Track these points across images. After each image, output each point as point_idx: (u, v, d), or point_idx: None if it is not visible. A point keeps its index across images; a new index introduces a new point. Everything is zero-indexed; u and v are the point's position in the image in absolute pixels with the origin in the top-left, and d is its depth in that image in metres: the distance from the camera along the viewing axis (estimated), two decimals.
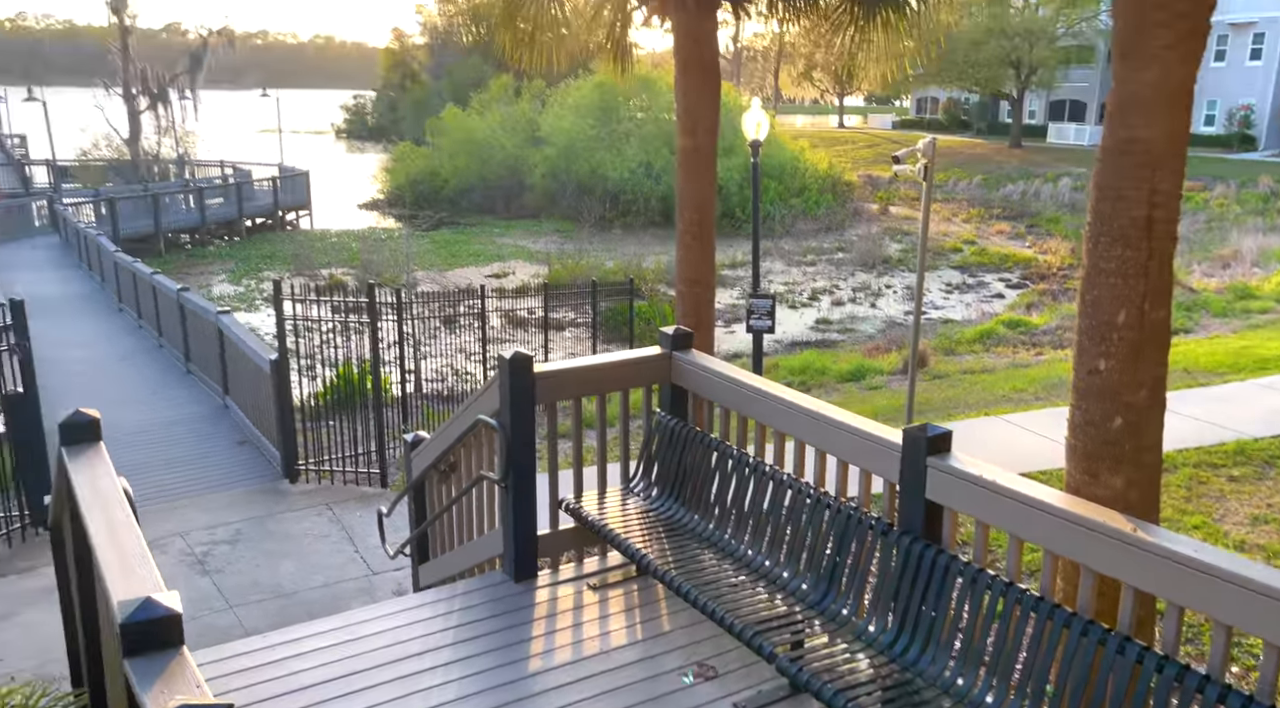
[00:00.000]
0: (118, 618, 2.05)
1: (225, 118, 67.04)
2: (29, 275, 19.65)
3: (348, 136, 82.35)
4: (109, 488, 3.33)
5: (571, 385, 4.57)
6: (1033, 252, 29.17)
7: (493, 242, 32.48)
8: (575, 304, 19.23)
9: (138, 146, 33.49)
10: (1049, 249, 29.12)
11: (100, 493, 3.28)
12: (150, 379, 12.08)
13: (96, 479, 3.39)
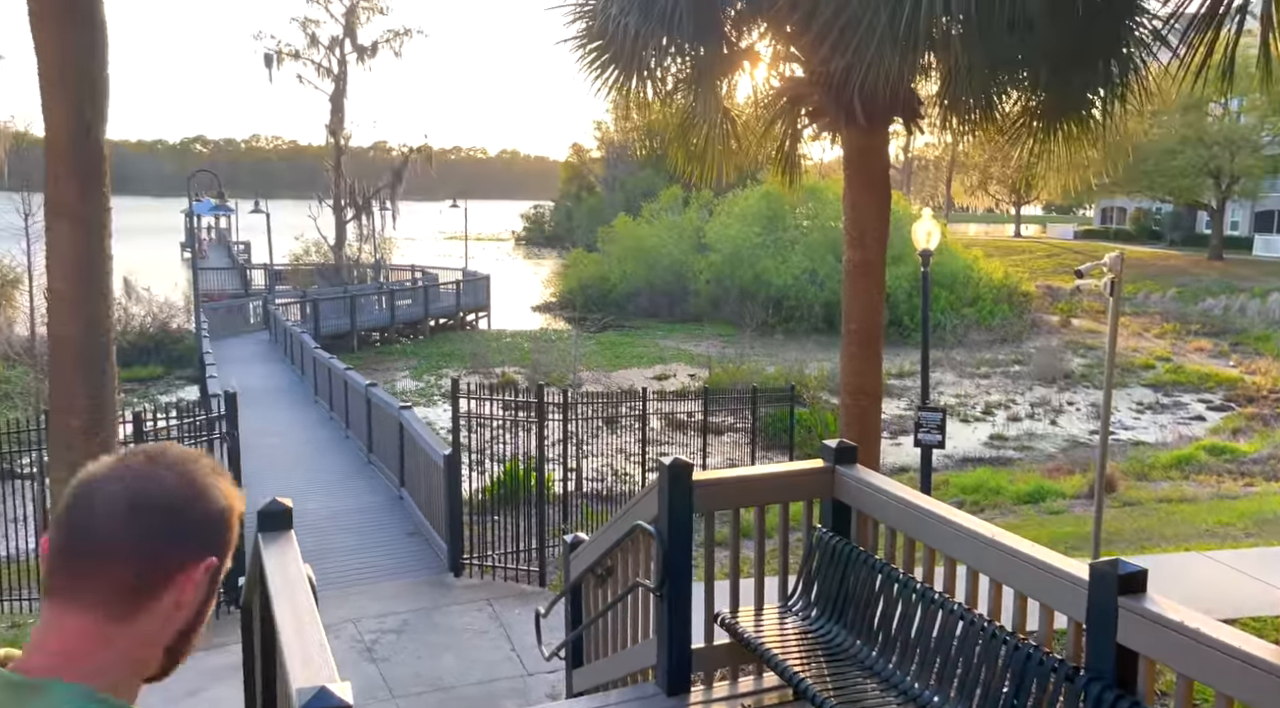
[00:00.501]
0: (295, 704, 2.16)
1: (418, 226, 72.63)
2: (241, 368, 21.66)
3: (526, 243, 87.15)
4: (296, 576, 3.55)
5: (731, 495, 4.54)
6: (1238, 371, 26.81)
7: (656, 344, 33.14)
8: (735, 409, 19.17)
9: (342, 252, 36.79)
10: (1258, 369, 26.69)
11: (289, 580, 3.50)
12: (336, 468, 12.90)
13: (286, 566, 3.63)
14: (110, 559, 1.04)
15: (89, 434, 4.42)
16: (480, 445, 11.12)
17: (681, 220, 43.55)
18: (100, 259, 4.39)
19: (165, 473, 1.09)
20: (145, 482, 1.07)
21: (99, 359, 4.43)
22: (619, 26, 5.41)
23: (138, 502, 1.06)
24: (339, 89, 35.14)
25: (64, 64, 4.36)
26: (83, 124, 4.37)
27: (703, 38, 5.87)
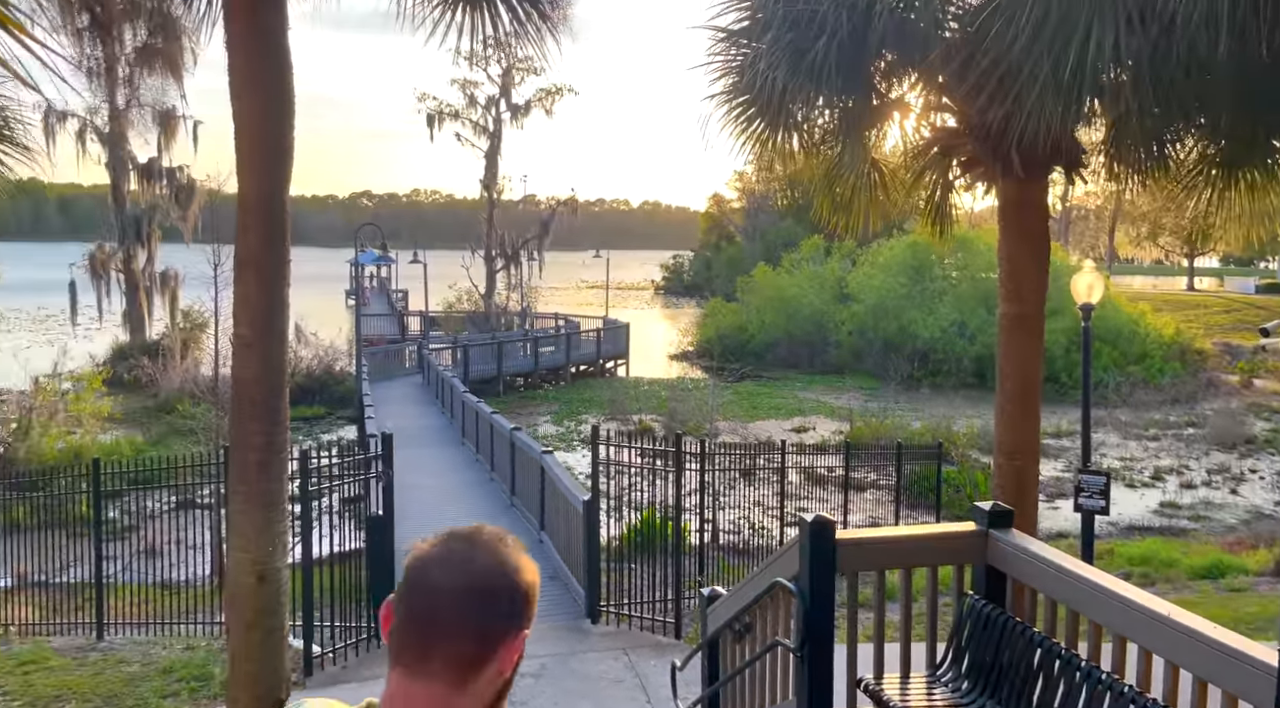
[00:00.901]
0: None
1: (561, 275, 74.91)
2: (395, 409, 22.75)
3: (665, 292, 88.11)
4: None
5: (875, 556, 4.39)
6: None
7: (795, 396, 32.66)
8: (878, 465, 18.58)
9: (491, 300, 38.34)
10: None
11: None
12: (481, 509, 13.28)
13: None
14: (452, 638, 1.21)
15: (263, 469, 4.73)
16: (617, 492, 11.21)
17: (823, 270, 43.07)
18: (280, 308, 4.74)
19: (487, 556, 1.25)
20: (473, 565, 1.24)
21: (275, 400, 4.76)
22: (766, 81, 5.48)
23: (473, 585, 1.22)
24: (493, 146, 36.96)
25: (257, 132, 4.79)
26: (270, 185, 4.78)
27: (851, 90, 5.86)
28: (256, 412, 4.70)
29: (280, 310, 4.76)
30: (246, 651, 4.84)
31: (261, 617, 4.82)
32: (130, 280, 32.19)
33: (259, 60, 4.73)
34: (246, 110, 4.76)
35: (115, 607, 10.24)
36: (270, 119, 4.75)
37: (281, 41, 4.83)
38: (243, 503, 4.77)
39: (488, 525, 1.30)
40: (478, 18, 5.34)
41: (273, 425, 4.76)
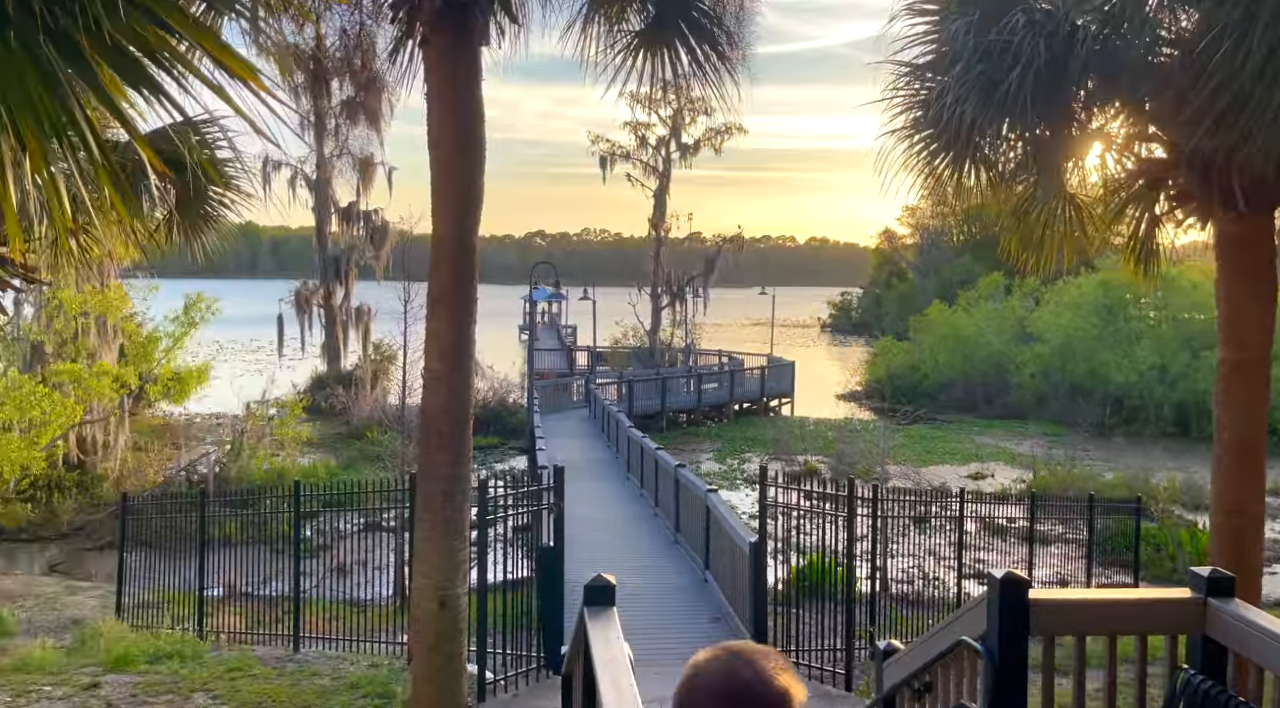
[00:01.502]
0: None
1: (726, 312, 75.02)
2: (563, 441, 23.34)
3: (832, 330, 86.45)
4: (618, 653, 3.67)
5: (1073, 619, 4.06)
6: None
7: (971, 440, 31.11)
8: (1065, 517, 17.32)
9: (656, 337, 38.86)
10: None
11: (612, 657, 3.63)
12: (644, 545, 13.33)
13: (609, 643, 3.77)
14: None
15: (447, 498, 4.95)
16: (783, 534, 10.97)
17: (1003, 309, 41.02)
18: (467, 344, 4.98)
19: (744, 668, 1.46)
20: (731, 677, 1.46)
21: (460, 433, 4.98)
22: (954, 114, 5.28)
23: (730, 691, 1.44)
24: (662, 185, 37.67)
25: (451, 178, 5.09)
26: (461, 227, 5.06)
27: (1047, 121, 5.56)
28: (443, 442, 4.92)
29: (467, 346, 4.99)
30: (428, 674, 5.04)
31: (442, 641, 5.01)
32: (329, 315, 34.86)
33: (454, 113, 5.04)
34: (442, 158, 5.07)
35: (309, 621, 10.95)
36: (463, 167, 5.03)
37: (475, 94, 5.13)
38: (428, 530, 5.00)
39: (754, 644, 1.46)
40: (658, 62, 5.46)
41: (457, 456, 4.98)
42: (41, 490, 19.42)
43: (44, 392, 19.02)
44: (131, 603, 12.35)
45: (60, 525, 18.92)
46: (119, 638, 9.78)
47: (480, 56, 5.21)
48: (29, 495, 19.15)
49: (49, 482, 19.55)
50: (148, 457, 21.39)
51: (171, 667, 9.11)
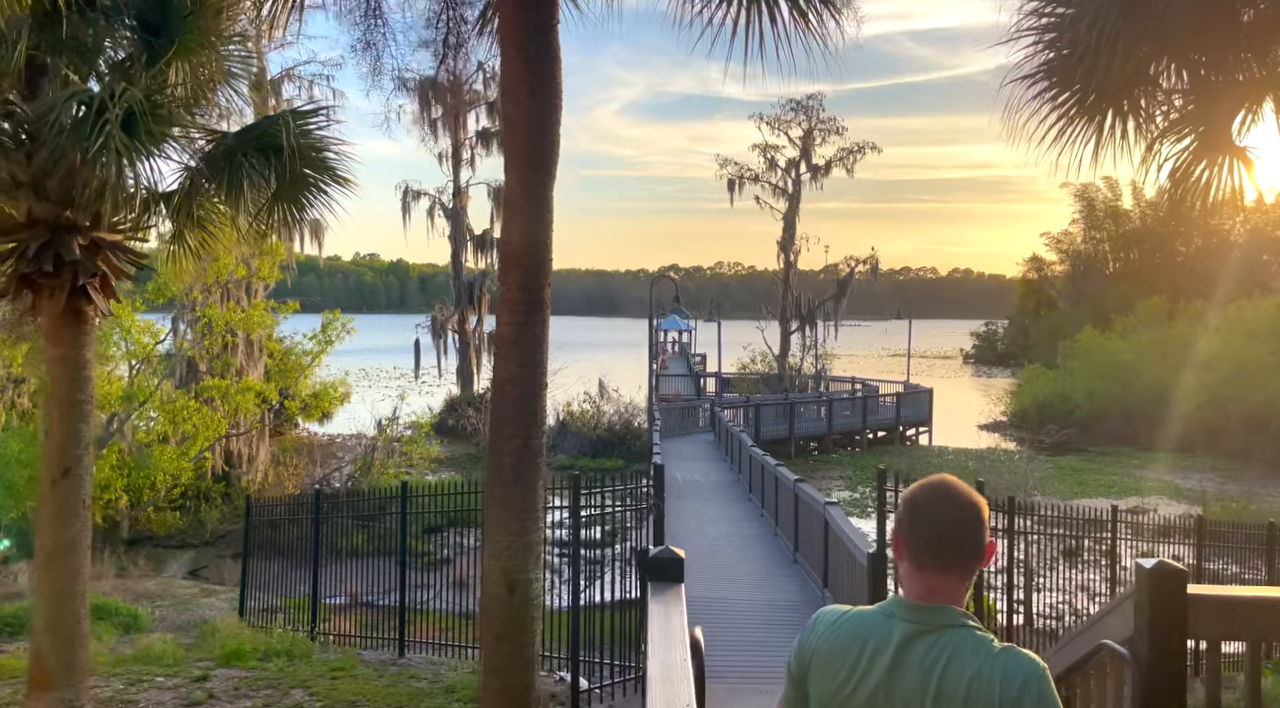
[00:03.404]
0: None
1: (862, 342, 72.97)
2: (687, 463, 22.91)
3: (975, 361, 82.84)
4: (679, 631, 3.20)
5: (1246, 621, 3.31)
6: None
7: (1130, 473, 28.69)
8: (1240, 556, 15.50)
9: (785, 362, 37.97)
10: None
11: (669, 635, 3.17)
12: (763, 563, 12.71)
13: (670, 620, 3.31)
14: (968, 547, 1.94)
15: (517, 475, 4.62)
16: None
17: (1164, 335, 37.96)
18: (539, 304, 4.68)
19: (966, 492, 1.98)
20: (965, 498, 1.96)
21: (532, 402, 4.67)
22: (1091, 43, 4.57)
23: (975, 510, 1.95)
24: (791, 207, 37.00)
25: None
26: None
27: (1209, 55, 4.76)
28: (514, 412, 4.61)
29: (540, 307, 4.68)
30: (495, 663, 4.69)
31: (511, 629, 4.65)
32: (463, 340, 35.84)
33: (522, 50, 4.78)
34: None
35: (420, 628, 10.88)
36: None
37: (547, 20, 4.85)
38: (496, 509, 4.68)
39: (949, 476, 2.01)
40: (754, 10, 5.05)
41: (529, 428, 4.65)
42: (190, 500, 20.49)
43: (195, 406, 20.13)
44: (257, 606, 12.67)
45: (205, 534, 19.87)
46: (234, 635, 9.96)
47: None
48: (179, 504, 20.24)
49: (197, 492, 20.61)
50: (287, 471, 22.28)
51: (279, 664, 9.16)
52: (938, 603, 1.91)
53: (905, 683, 1.85)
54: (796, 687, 2.00)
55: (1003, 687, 1.82)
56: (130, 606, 12.31)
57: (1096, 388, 36.44)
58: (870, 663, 1.89)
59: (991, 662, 1.85)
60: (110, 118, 5.37)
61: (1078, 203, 66.91)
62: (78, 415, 6.67)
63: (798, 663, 2.00)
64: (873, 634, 1.92)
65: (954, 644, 1.87)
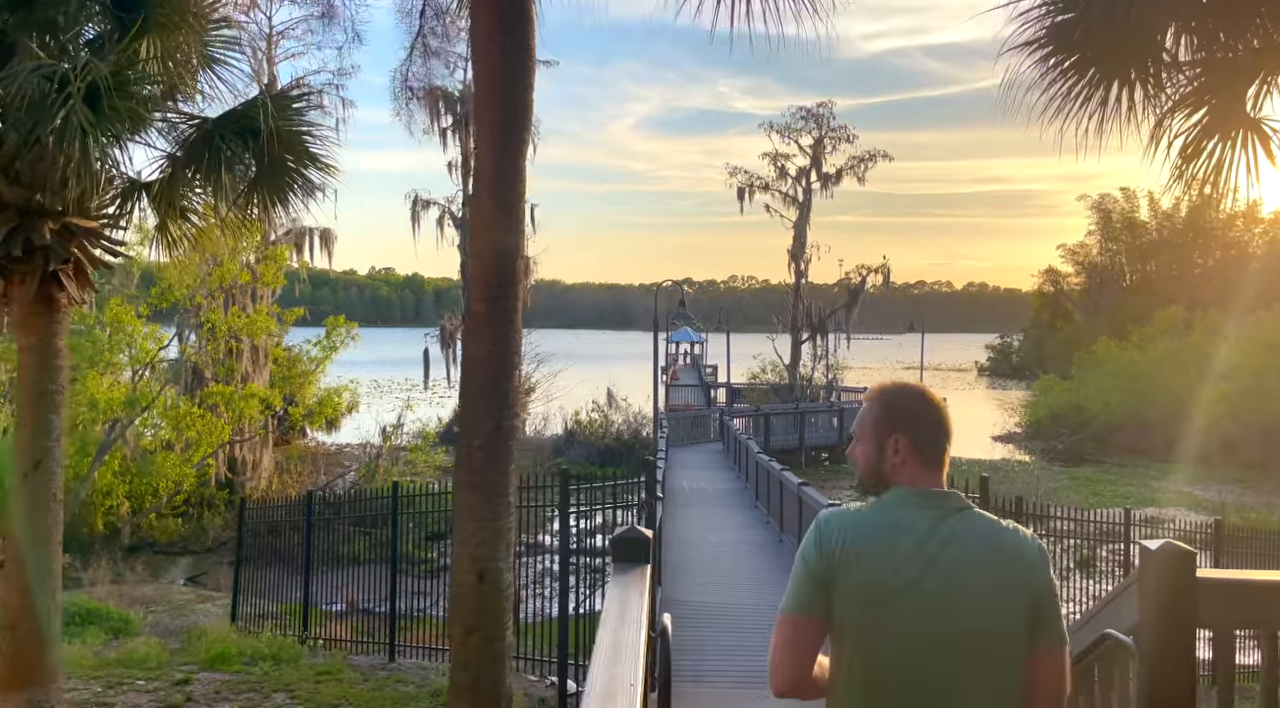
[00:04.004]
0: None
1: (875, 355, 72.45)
2: (694, 472, 22.62)
3: (989, 374, 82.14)
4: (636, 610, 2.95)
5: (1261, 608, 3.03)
6: None
7: (1147, 484, 28.17)
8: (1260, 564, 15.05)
9: (796, 372, 37.60)
10: None
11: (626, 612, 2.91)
12: (765, 568, 12.40)
13: (628, 599, 3.05)
14: (949, 440, 2.17)
15: (488, 457, 4.38)
16: None
17: (1182, 346, 37.39)
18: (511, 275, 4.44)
19: (936, 393, 2.26)
20: (939, 397, 2.23)
21: (503, 382, 4.43)
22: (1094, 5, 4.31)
23: (947, 416, 2.19)
24: (802, 216, 36.70)
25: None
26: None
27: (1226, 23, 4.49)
28: (485, 392, 4.37)
29: (512, 279, 4.44)
30: (464, 657, 4.44)
31: (481, 620, 4.41)
32: None
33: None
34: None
35: (414, 634, 10.64)
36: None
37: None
38: (465, 494, 4.44)
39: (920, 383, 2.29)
40: None
41: (500, 409, 4.41)
42: (194, 507, 20.34)
43: (198, 412, 20.02)
44: (253, 612, 12.47)
45: (207, 541, 19.70)
46: (220, 639, 9.74)
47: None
48: (182, 511, 20.10)
49: (200, 499, 20.47)
50: (291, 477, 22.13)
51: (264, 668, 8.94)
52: (941, 490, 2.11)
53: (950, 555, 2.01)
54: (818, 585, 2.03)
55: (1027, 550, 2.06)
56: (122, 610, 12.13)
57: (1113, 399, 35.92)
58: (913, 545, 2.01)
59: (1010, 535, 2.08)
60: (73, 92, 5.19)
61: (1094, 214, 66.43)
62: (49, 406, 6.48)
63: (820, 561, 2.03)
64: (899, 522, 2.05)
65: (975, 520, 2.07)
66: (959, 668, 2.00)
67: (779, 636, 2.10)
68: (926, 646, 1.99)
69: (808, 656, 2.08)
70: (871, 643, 2.01)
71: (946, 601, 1.99)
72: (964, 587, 2.00)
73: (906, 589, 1.98)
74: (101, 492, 18.66)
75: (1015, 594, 2.02)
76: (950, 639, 1.99)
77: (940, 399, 2.21)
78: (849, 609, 2.01)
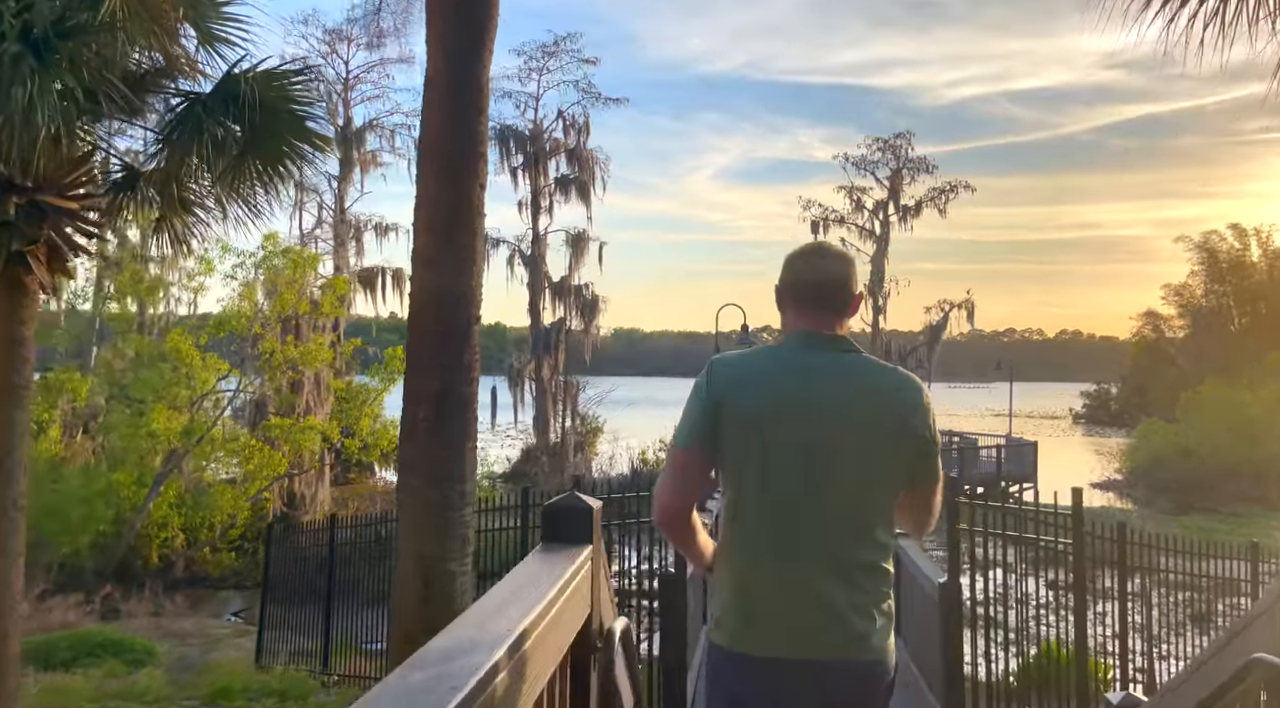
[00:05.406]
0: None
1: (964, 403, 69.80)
2: None
3: (1086, 421, 78.16)
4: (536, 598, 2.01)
5: None
6: None
7: (1269, 535, 25.60)
8: None
9: None
10: None
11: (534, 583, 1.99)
12: None
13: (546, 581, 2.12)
14: (843, 291, 2.28)
15: (433, 429, 3.54)
16: (1019, 623, 8.56)
17: None
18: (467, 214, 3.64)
19: (837, 247, 2.47)
20: (838, 250, 2.43)
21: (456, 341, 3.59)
22: None
23: (847, 258, 2.36)
24: (879, 250, 35.37)
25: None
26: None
27: None
28: (431, 349, 3.53)
29: (467, 219, 3.63)
30: None
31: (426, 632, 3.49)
32: (539, 388, 35.20)
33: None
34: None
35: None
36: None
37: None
38: (408, 476, 3.60)
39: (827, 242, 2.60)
40: None
41: (451, 371, 3.57)
42: (249, 541, 20.02)
43: (257, 445, 19.81)
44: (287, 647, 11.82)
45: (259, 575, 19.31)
46: (227, 673, 9.07)
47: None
48: (237, 545, 19.78)
49: (256, 533, 20.14)
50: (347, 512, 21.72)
51: (267, 704, 8.20)
52: (831, 334, 2.23)
53: (827, 387, 2.16)
54: (706, 417, 2.14)
55: (908, 390, 2.21)
56: (148, 642, 11.61)
57: (1222, 442, 33.29)
58: (793, 377, 2.16)
59: (892, 373, 2.26)
60: (5, 29, 4.66)
61: (1197, 255, 62.83)
62: (14, 401, 5.92)
63: (710, 391, 2.16)
64: (783, 357, 2.23)
65: (858, 360, 2.23)
66: (830, 495, 2.10)
67: (666, 467, 2.23)
68: (799, 472, 2.09)
69: (692, 485, 2.21)
70: (749, 468, 2.12)
71: (821, 430, 2.10)
72: (840, 417, 2.11)
73: (781, 417, 2.10)
74: (157, 523, 18.48)
75: (891, 428, 2.14)
76: (823, 467, 2.10)
77: (838, 250, 2.39)
78: (729, 438, 2.12)
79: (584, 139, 34.77)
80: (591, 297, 35.02)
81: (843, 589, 2.09)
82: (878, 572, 2.16)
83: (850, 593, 2.09)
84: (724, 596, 2.19)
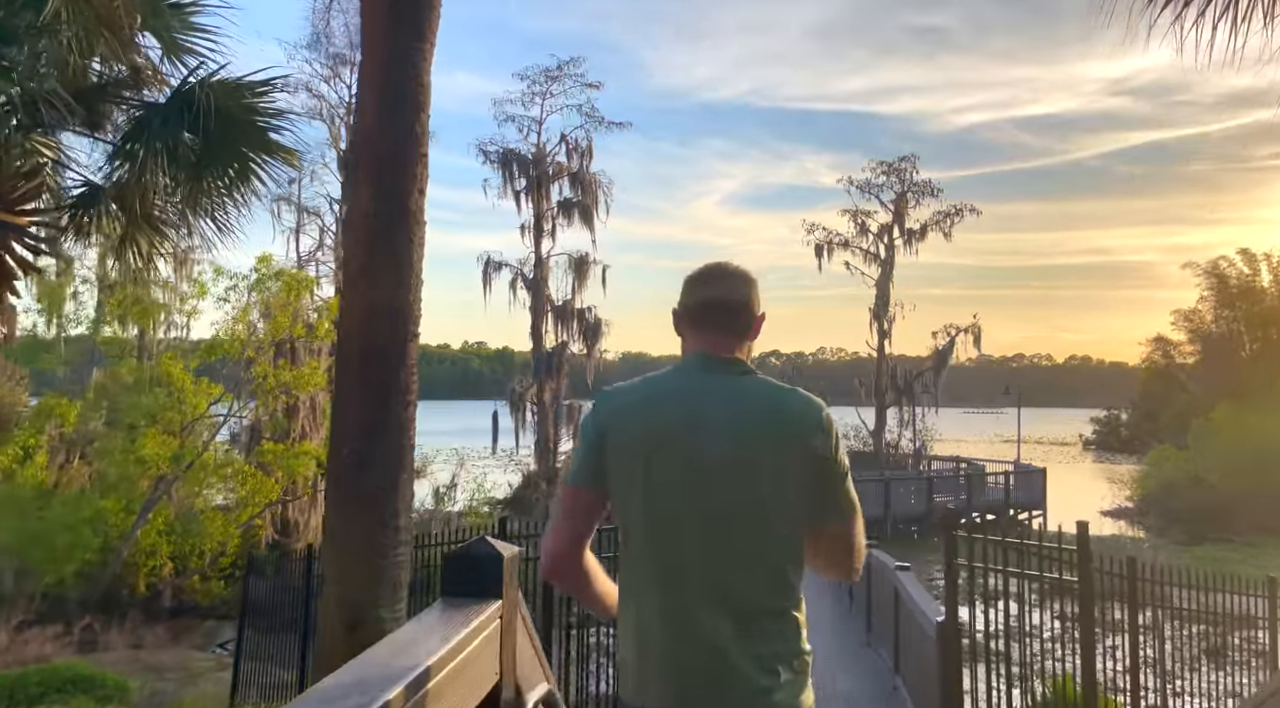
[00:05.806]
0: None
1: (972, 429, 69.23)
2: None
3: (1095, 447, 77.32)
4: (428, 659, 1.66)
5: None
6: None
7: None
8: None
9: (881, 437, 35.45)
10: None
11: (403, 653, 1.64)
12: (831, 646, 10.75)
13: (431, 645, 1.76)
14: (743, 311, 2.17)
15: (361, 466, 3.18)
16: (1029, 658, 8.14)
17: None
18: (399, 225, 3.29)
19: (737, 267, 2.25)
20: (738, 269, 2.23)
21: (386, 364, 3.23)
22: None
23: (746, 278, 2.22)
24: (884, 274, 35.03)
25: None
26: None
27: None
28: (359, 380, 3.18)
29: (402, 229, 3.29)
30: None
31: None
32: (541, 412, 34.83)
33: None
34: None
35: None
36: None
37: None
38: (335, 511, 3.23)
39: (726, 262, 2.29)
40: None
41: (384, 394, 3.21)
42: (240, 569, 19.60)
43: (249, 470, 19.44)
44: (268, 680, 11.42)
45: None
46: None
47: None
48: (227, 573, 19.36)
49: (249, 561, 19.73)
50: None
51: None
52: (728, 356, 2.14)
53: (720, 409, 2.01)
54: (593, 452, 2.03)
55: (808, 412, 2.08)
56: (120, 678, 11.19)
57: (1235, 470, 32.66)
58: (682, 400, 2.03)
59: (790, 395, 2.11)
60: None
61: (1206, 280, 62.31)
62: None
63: (595, 423, 2.06)
64: (670, 384, 2.10)
65: (752, 383, 2.10)
66: (718, 518, 1.95)
67: (557, 507, 2.09)
68: (683, 488, 1.96)
69: (579, 526, 2.05)
70: (634, 494, 1.99)
71: (709, 450, 1.97)
72: (732, 439, 1.99)
73: (668, 439, 1.98)
74: (145, 551, 18.09)
75: (791, 451, 2.02)
76: (710, 484, 1.97)
77: (737, 269, 2.24)
78: (615, 470, 2.00)
79: (587, 163, 34.65)
80: (594, 320, 34.76)
81: (737, 635, 1.91)
82: (785, 620, 2.01)
83: (747, 642, 1.93)
84: (623, 642, 2.04)
